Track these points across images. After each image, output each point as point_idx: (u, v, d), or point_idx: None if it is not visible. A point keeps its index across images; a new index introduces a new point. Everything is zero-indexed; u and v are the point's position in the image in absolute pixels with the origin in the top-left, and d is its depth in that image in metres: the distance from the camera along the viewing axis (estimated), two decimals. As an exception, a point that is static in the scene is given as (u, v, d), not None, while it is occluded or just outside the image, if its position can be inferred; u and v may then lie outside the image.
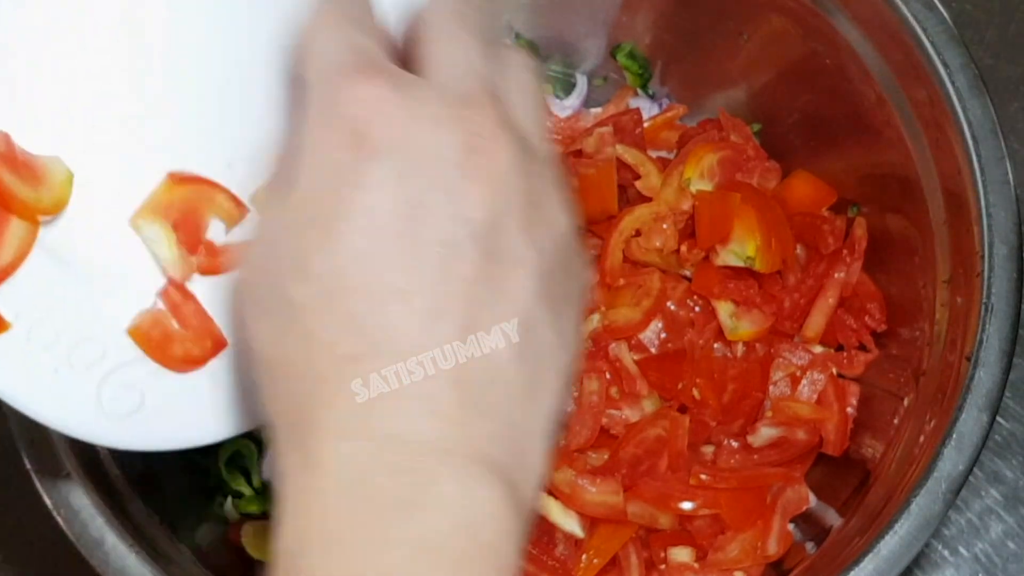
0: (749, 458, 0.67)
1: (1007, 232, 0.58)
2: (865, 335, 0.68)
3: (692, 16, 0.73)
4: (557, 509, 0.64)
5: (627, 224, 0.68)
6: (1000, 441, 0.75)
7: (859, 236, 0.68)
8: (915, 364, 0.63)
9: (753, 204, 0.67)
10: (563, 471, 0.64)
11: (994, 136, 0.59)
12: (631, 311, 0.67)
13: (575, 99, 0.78)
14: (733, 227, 0.66)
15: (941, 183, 0.62)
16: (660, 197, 0.68)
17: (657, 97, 0.78)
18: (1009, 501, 0.73)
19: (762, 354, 0.68)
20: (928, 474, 0.55)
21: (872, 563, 0.54)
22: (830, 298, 0.68)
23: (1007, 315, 0.57)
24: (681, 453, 0.65)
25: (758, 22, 0.71)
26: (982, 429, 0.55)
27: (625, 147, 0.70)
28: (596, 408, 0.65)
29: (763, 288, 0.68)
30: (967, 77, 0.60)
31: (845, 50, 0.66)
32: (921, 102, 0.62)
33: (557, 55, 0.79)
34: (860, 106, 0.67)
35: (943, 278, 0.62)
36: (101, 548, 0.54)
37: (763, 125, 0.75)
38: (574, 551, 0.64)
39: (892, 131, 0.65)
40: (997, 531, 0.73)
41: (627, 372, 0.66)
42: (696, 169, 0.69)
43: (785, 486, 0.66)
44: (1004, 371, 0.56)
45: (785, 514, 0.66)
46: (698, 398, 0.66)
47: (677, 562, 0.65)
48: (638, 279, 0.68)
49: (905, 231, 0.66)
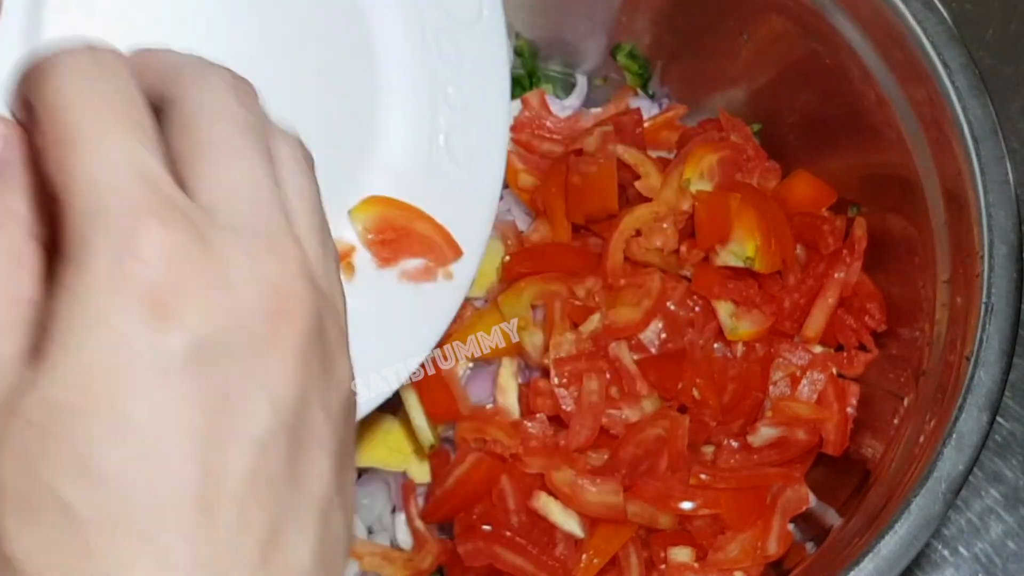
0: (749, 458, 0.67)
1: (1007, 232, 0.58)
2: (865, 335, 0.68)
3: (692, 16, 0.74)
4: (557, 509, 0.64)
5: (627, 224, 0.68)
6: (1000, 441, 0.75)
7: (859, 236, 0.68)
8: (915, 364, 0.63)
9: (753, 204, 0.67)
10: (563, 471, 0.64)
11: (994, 136, 0.59)
12: (631, 311, 0.67)
13: (575, 99, 0.78)
14: (733, 227, 0.66)
15: (941, 183, 0.62)
16: (660, 197, 0.68)
17: (657, 97, 0.78)
18: (1009, 501, 0.73)
19: (762, 354, 0.68)
20: (928, 474, 0.55)
21: (872, 563, 0.54)
22: (830, 298, 0.68)
23: (1007, 315, 0.57)
24: (681, 453, 0.65)
25: (758, 22, 0.71)
26: (982, 429, 0.55)
27: (625, 147, 0.69)
28: (596, 408, 0.65)
29: (763, 288, 0.68)
30: (967, 77, 0.60)
31: (845, 50, 0.66)
32: (921, 102, 0.62)
33: (557, 55, 0.79)
34: (860, 106, 0.67)
35: (943, 278, 0.62)
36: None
37: (763, 125, 0.75)
38: (574, 551, 0.64)
39: (892, 131, 0.65)
40: (997, 531, 0.73)
41: (627, 372, 0.66)
42: (696, 169, 0.69)
43: (785, 486, 0.66)
44: (1004, 371, 0.56)
45: (785, 514, 0.66)
46: (698, 398, 0.66)
47: (677, 562, 0.65)
48: (638, 279, 0.68)
49: (905, 231, 0.66)
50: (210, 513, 0.30)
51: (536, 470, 0.64)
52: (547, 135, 0.76)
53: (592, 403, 0.65)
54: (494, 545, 0.63)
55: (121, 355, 0.30)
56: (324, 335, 0.33)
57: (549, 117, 0.76)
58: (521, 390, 0.67)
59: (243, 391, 0.31)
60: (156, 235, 0.30)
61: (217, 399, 0.31)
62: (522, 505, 0.64)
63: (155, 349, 0.30)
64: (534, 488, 0.64)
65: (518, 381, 0.67)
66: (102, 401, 0.30)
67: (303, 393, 0.32)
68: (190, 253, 0.31)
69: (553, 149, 0.75)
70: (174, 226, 0.31)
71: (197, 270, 0.31)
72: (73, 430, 0.30)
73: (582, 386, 0.65)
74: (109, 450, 0.30)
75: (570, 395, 0.65)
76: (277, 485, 0.32)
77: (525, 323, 0.67)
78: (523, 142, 0.75)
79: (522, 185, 0.73)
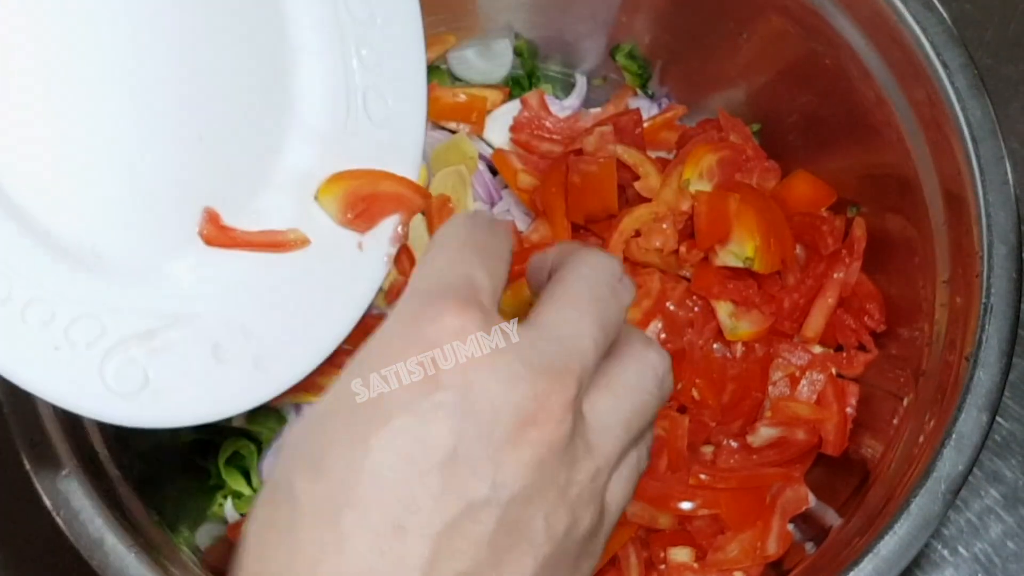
0: (748, 458, 0.67)
1: (1006, 232, 0.58)
2: (864, 335, 0.68)
3: (691, 16, 0.74)
4: (557, 509, 0.64)
5: (627, 224, 0.68)
6: (1000, 441, 0.75)
7: (858, 236, 0.68)
8: (915, 364, 0.63)
9: (752, 204, 0.67)
10: (563, 471, 0.64)
11: (994, 136, 0.59)
12: (631, 311, 0.67)
13: (574, 99, 0.78)
14: (732, 227, 0.66)
15: (941, 183, 0.62)
16: (659, 197, 0.68)
17: (656, 97, 0.78)
18: (1009, 501, 0.73)
19: (761, 354, 0.68)
20: (928, 474, 0.55)
21: (872, 563, 0.54)
22: (829, 298, 0.68)
23: (1006, 315, 0.57)
24: (681, 453, 0.65)
25: (758, 22, 0.71)
26: (981, 429, 0.55)
27: (624, 147, 0.69)
28: (596, 408, 0.65)
29: (762, 288, 0.68)
30: (967, 77, 0.60)
31: (845, 50, 0.66)
32: (921, 102, 0.62)
33: (557, 55, 0.79)
34: (860, 106, 0.67)
35: (943, 278, 0.62)
36: (101, 548, 0.54)
37: (762, 125, 0.75)
38: (574, 551, 0.64)
39: (892, 131, 0.65)
40: (997, 531, 0.73)
41: (627, 372, 0.66)
42: (695, 169, 0.69)
43: (785, 486, 0.66)
44: (1004, 371, 0.56)
45: (785, 514, 0.66)
46: (697, 398, 0.66)
47: (677, 562, 0.65)
48: (638, 279, 0.68)
49: (904, 231, 0.66)
50: (403, 538, 0.34)
51: (536, 470, 0.64)
52: (546, 135, 0.76)
53: (592, 403, 0.65)
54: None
55: (391, 394, 0.36)
56: (572, 474, 0.37)
57: (548, 117, 0.76)
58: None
59: (474, 456, 0.35)
60: (451, 315, 0.37)
61: (452, 448, 0.35)
62: (522, 505, 0.64)
63: (416, 393, 0.35)
64: (534, 488, 0.64)
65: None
66: (360, 418, 0.36)
67: (529, 493, 0.35)
68: (471, 334, 0.37)
69: (552, 149, 0.75)
70: (467, 315, 0.37)
71: (473, 348, 0.37)
72: (330, 430, 0.36)
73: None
74: (341, 457, 0.35)
75: None
76: (471, 551, 0.35)
77: (525, 323, 0.67)
78: (522, 142, 0.75)
79: (521, 185, 0.73)
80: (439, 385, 0.36)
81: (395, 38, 0.59)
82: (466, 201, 0.72)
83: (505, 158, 0.74)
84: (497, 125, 0.77)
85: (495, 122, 0.77)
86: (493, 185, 0.75)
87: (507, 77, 0.79)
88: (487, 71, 0.79)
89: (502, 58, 0.79)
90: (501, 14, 0.77)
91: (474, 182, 0.74)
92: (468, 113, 0.76)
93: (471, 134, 0.76)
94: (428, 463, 0.35)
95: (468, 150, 0.74)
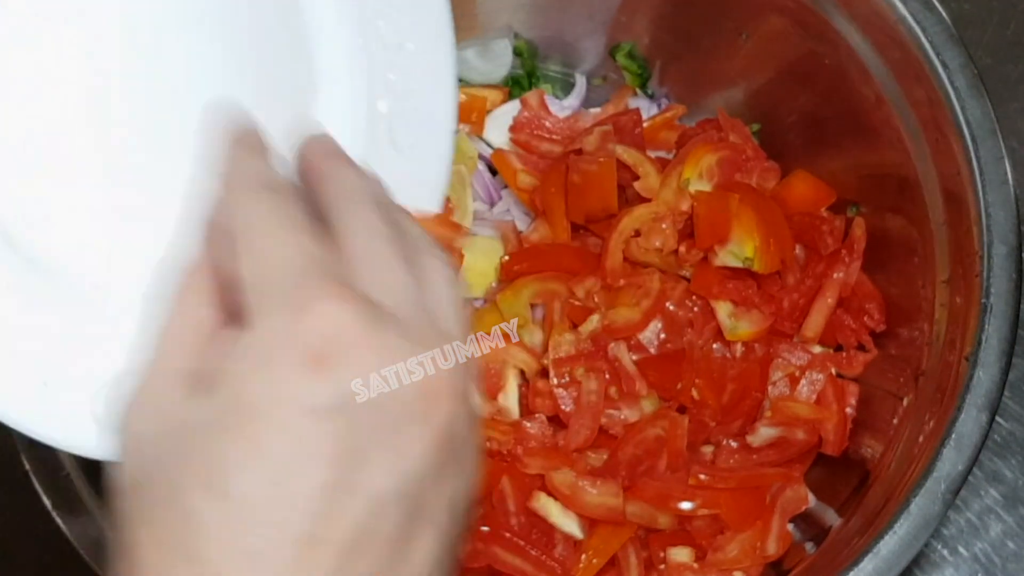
0: (748, 458, 0.67)
1: (1006, 232, 0.58)
2: (864, 335, 0.68)
3: (691, 16, 0.74)
4: (557, 510, 0.64)
5: (627, 224, 0.68)
6: (999, 441, 0.75)
7: (858, 236, 0.68)
8: (914, 364, 0.63)
9: (752, 204, 0.67)
10: (563, 472, 0.64)
11: (993, 136, 0.59)
12: (630, 311, 0.67)
13: (574, 99, 0.78)
14: (732, 227, 0.66)
15: (940, 183, 0.62)
16: (659, 197, 0.68)
17: (656, 97, 0.78)
18: (1008, 501, 0.73)
19: (761, 354, 0.68)
20: (927, 474, 0.55)
21: (872, 563, 0.54)
22: (829, 298, 0.68)
23: (1006, 315, 0.57)
24: (680, 453, 0.65)
25: (757, 22, 0.71)
26: (981, 429, 0.55)
27: (624, 147, 0.69)
28: (595, 408, 0.65)
29: (762, 288, 0.68)
30: (966, 77, 0.60)
31: (845, 50, 0.66)
32: (920, 102, 0.63)
33: (557, 55, 0.79)
34: (859, 106, 0.67)
35: (942, 278, 0.62)
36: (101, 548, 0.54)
37: (762, 125, 0.75)
38: (573, 552, 0.64)
39: (891, 131, 0.65)
40: (996, 531, 0.73)
41: (626, 372, 0.66)
42: (695, 169, 0.69)
43: (784, 486, 0.66)
44: (1003, 371, 0.56)
45: (784, 514, 0.66)
46: (697, 398, 0.66)
47: (676, 562, 0.65)
48: (638, 279, 0.68)
49: (904, 231, 0.66)
50: (315, 549, 0.33)
51: (535, 470, 0.64)
52: (546, 135, 0.76)
53: (591, 403, 0.65)
54: (493, 546, 0.63)
55: (273, 391, 0.34)
56: (459, 432, 0.36)
57: (548, 117, 0.76)
58: (520, 390, 0.67)
59: (373, 451, 0.34)
60: (326, 306, 0.35)
61: (348, 450, 0.34)
62: (521, 506, 0.64)
63: (307, 395, 0.34)
64: (533, 489, 0.64)
65: (518, 381, 0.67)
66: (248, 430, 0.34)
67: (429, 473, 0.35)
68: (356, 324, 0.35)
69: (552, 149, 0.75)
70: (343, 303, 0.35)
71: (359, 339, 0.35)
72: (212, 449, 0.34)
73: (581, 386, 0.65)
74: (241, 471, 0.33)
75: (569, 395, 0.65)
76: (382, 545, 0.34)
77: (524, 322, 0.67)
78: (522, 142, 0.75)
79: (521, 185, 0.73)
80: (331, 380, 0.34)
81: (426, 66, 0.58)
82: (466, 201, 0.73)
83: (505, 158, 0.74)
84: (497, 125, 0.77)
85: (495, 122, 0.77)
86: (493, 185, 0.75)
87: (507, 77, 0.79)
88: (487, 71, 0.79)
89: (502, 58, 0.79)
90: (501, 14, 0.77)
91: (474, 182, 0.74)
92: (468, 113, 0.76)
93: (471, 134, 0.76)
94: (331, 467, 0.34)
95: (468, 150, 0.74)
